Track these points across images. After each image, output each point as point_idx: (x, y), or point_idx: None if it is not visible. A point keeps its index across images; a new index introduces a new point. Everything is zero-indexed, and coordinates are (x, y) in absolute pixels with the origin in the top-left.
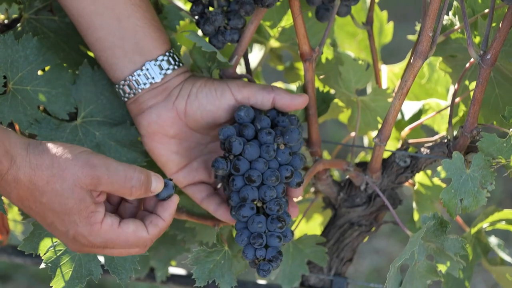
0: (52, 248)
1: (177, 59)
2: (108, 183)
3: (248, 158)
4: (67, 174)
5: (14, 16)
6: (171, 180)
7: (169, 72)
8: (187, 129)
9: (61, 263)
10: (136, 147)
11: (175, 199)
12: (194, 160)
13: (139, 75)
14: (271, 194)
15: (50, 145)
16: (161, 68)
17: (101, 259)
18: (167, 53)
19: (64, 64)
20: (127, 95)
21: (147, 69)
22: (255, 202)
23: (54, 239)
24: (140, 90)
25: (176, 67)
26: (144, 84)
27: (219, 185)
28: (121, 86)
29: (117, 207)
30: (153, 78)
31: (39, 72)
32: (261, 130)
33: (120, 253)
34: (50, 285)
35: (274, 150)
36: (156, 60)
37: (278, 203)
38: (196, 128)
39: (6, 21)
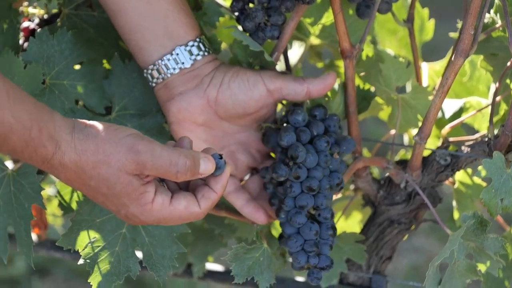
0: (90, 244)
1: (206, 46)
2: (152, 169)
3: (308, 166)
4: (112, 160)
5: (54, 11)
6: (221, 156)
7: (199, 58)
8: (216, 117)
9: (99, 259)
10: (163, 134)
11: (227, 171)
12: (221, 150)
13: (168, 59)
14: (326, 202)
15: (95, 129)
16: (191, 54)
17: (139, 255)
18: (197, 39)
19: (104, 60)
20: (155, 80)
21: (177, 54)
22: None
23: (93, 235)
24: (169, 75)
25: (206, 53)
26: (174, 69)
27: (246, 178)
28: (149, 71)
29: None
30: (182, 63)
31: (76, 67)
32: (318, 137)
33: (174, 223)
34: (88, 281)
35: (330, 159)
36: (186, 45)
37: (331, 211)
38: (225, 117)
39: (45, 16)
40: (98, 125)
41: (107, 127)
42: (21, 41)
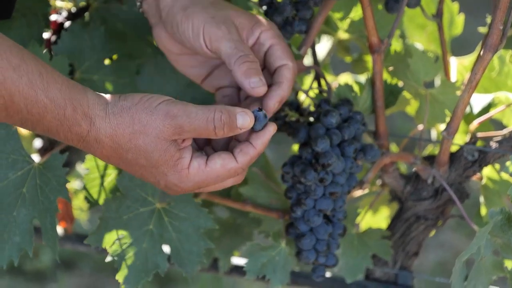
0: (117, 241)
1: None
2: (190, 130)
3: (334, 172)
4: (149, 129)
5: (82, 4)
6: (260, 110)
7: None
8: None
9: (127, 256)
10: None
11: (271, 128)
12: (215, 69)
13: None
14: (342, 205)
15: (128, 102)
16: None
17: (167, 250)
18: None
19: (132, 54)
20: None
21: None
22: None
23: (120, 232)
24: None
25: None
26: None
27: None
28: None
29: (209, 141)
30: None
31: (106, 62)
32: (347, 143)
33: (215, 188)
34: (116, 278)
35: (355, 165)
36: None
37: (344, 212)
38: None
39: (73, 10)
40: (131, 97)
41: (140, 98)
42: (47, 34)
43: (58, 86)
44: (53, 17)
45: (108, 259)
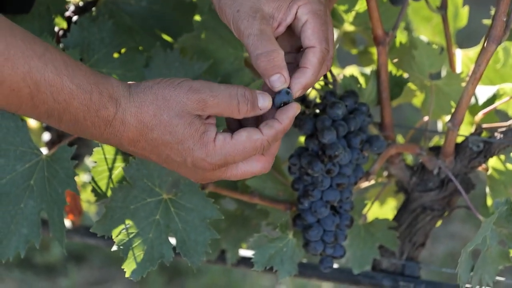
0: (124, 230)
1: None
2: (214, 105)
3: (341, 163)
4: (172, 103)
5: None
6: (287, 92)
7: None
8: None
9: (133, 246)
10: None
11: (295, 105)
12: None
13: None
14: (349, 196)
15: (150, 82)
16: None
17: (173, 241)
18: None
19: (140, 47)
20: None
21: None
22: None
23: (127, 221)
24: None
25: None
26: None
27: None
28: None
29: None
30: None
31: (115, 55)
32: (354, 134)
33: (244, 174)
34: (122, 267)
35: (361, 156)
36: None
37: (351, 204)
38: None
39: (81, 4)
40: (152, 80)
41: (160, 79)
42: (56, 28)
43: (82, 72)
44: None
45: (114, 248)
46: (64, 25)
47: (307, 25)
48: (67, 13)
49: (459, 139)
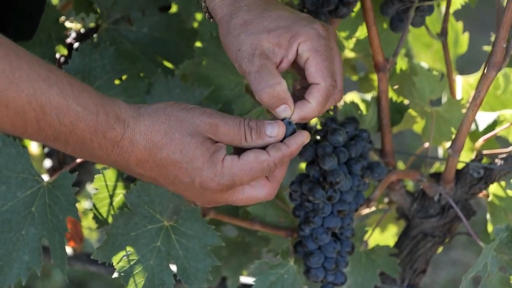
0: (125, 257)
1: None
2: (225, 131)
3: (342, 190)
4: (186, 124)
5: (91, 25)
6: (290, 123)
7: None
8: None
9: (134, 273)
10: None
11: (305, 133)
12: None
13: None
14: (350, 223)
15: (163, 104)
16: None
17: (174, 268)
18: None
19: (141, 74)
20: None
21: None
22: None
23: (128, 248)
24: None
25: None
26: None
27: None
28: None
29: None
30: None
31: (116, 82)
32: (355, 161)
33: (249, 199)
34: None
35: (362, 183)
36: None
37: (352, 231)
38: None
39: (82, 30)
40: (165, 102)
41: (173, 102)
42: (57, 55)
43: (88, 94)
44: None
45: (115, 275)
46: (65, 52)
47: (309, 63)
48: (68, 40)
49: (460, 166)
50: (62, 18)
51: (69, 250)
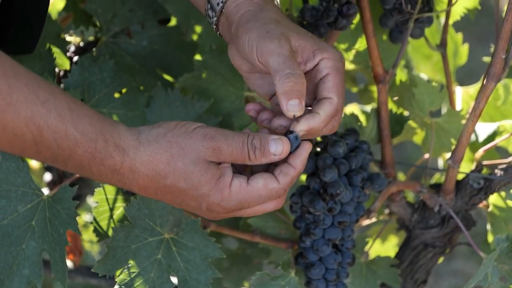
0: (126, 270)
1: None
2: (227, 153)
3: (342, 201)
4: (188, 151)
5: (90, 38)
6: (291, 132)
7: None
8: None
9: (135, 285)
10: None
11: (307, 146)
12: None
13: None
14: (351, 234)
15: (163, 128)
16: None
17: (174, 280)
18: None
19: (141, 87)
20: (214, 20)
21: None
22: None
23: (129, 261)
24: (214, 18)
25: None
26: (217, 4)
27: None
28: (207, 11)
29: (247, 167)
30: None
31: (116, 95)
32: (355, 172)
33: (256, 212)
34: None
35: (363, 194)
36: None
37: (353, 242)
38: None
39: (81, 44)
40: (166, 124)
41: (175, 124)
42: (56, 69)
43: (88, 119)
44: None
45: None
46: (67, 65)
47: (328, 78)
48: (68, 54)
49: (460, 176)
50: (62, 32)
51: (69, 263)
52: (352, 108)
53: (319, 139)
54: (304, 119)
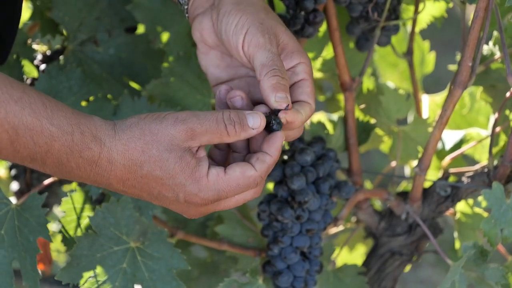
0: (91, 278)
1: None
2: (202, 132)
3: (310, 209)
4: (161, 137)
5: (57, 46)
6: (276, 115)
7: None
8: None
9: None
10: None
11: (280, 134)
12: (236, 78)
13: None
14: (318, 242)
15: (136, 118)
16: None
17: None
18: None
19: (108, 95)
20: (186, 7)
21: None
22: None
23: (94, 270)
24: None
25: None
26: None
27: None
28: None
29: (224, 162)
30: None
31: (83, 103)
32: (323, 180)
33: (237, 202)
34: None
35: (330, 202)
36: None
37: (321, 249)
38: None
39: (48, 52)
40: (137, 115)
41: (146, 114)
42: (24, 77)
43: (62, 113)
44: None
45: None
46: (35, 73)
47: (306, 83)
48: (35, 62)
49: (427, 184)
50: (29, 40)
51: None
52: (319, 116)
53: (286, 147)
54: (290, 111)
